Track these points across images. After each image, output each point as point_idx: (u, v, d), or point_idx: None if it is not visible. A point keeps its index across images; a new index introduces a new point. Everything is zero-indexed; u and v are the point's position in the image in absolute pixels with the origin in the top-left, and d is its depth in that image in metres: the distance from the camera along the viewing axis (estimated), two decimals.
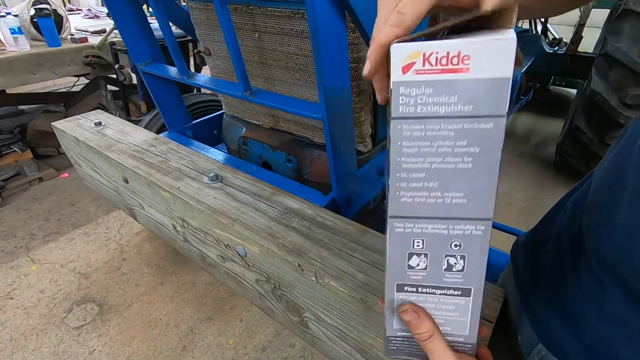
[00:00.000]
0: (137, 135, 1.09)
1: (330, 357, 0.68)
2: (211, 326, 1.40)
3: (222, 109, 1.32)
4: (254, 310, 1.46)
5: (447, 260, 0.31)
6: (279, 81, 0.98)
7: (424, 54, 0.26)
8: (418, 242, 0.32)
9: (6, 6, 3.50)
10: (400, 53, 0.26)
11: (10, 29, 1.91)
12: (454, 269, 0.31)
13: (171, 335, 1.36)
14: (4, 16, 1.97)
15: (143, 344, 1.33)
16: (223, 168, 0.91)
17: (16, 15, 2.03)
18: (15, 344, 1.33)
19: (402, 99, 0.27)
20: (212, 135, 1.44)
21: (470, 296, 0.31)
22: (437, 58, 0.26)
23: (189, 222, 0.83)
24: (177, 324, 1.41)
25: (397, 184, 0.31)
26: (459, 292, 0.31)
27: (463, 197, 0.29)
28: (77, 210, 2.06)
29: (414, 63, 0.26)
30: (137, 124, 1.28)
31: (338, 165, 0.82)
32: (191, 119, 1.40)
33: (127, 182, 0.98)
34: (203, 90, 2.17)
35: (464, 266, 0.30)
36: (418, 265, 0.32)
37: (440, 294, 0.32)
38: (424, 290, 0.32)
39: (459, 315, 0.32)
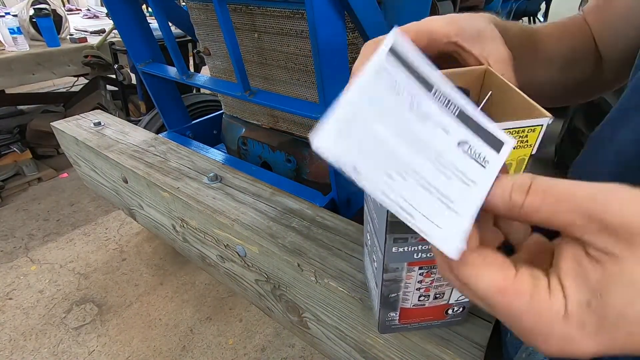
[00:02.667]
0: (136, 135, 1.09)
1: (330, 357, 0.68)
2: (211, 326, 1.40)
3: (221, 109, 1.32)
4: (253, 310, 1.46)
5: None
6: (279, 81, 0.98)
7: None
8: (370, 268, 0.46)
9: (5, 6, 3.49)
10: None
11: (9, 29, 1.91)
12: None
13: (170, 336, 1.36)
14: (3, 16, 1.97)
15: (142, 344, 1.33)
16: (222, 168, 0.91)
17: (15, 15, 2.03)
18: (14, 344, 1.33)
19: None
20: (211, 135, 1.44)
21: None
22: None
23: (189, 222, 0.83)
24: (177, 324, 1.41)
25: None
26: None
27: (377, 241, 0.38)
28: (76, 210, 2.05)
29: None
30: (136, 124, 1.28)
31: None
32: (190, 119, 1.40)
33: (126, 182, 0.98)
34: (202, 91, 2.16)
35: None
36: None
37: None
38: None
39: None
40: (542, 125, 0.26)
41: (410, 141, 0.19)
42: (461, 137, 0.21)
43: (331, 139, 0.18)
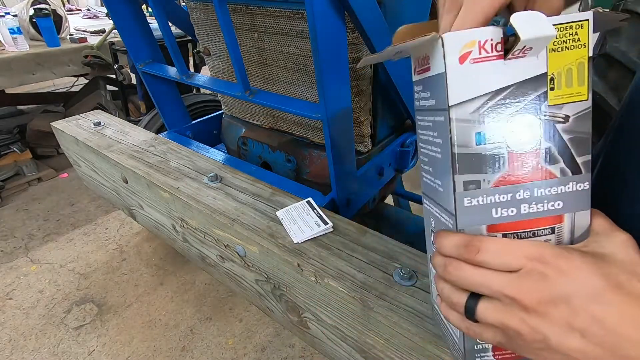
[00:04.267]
0: (136, 135, 1.09)
1: (330, 357, 0.68)
2: (211, 326, 1.40)
3: (221, 109, 1.32)
4: (253, 310, 1.46)
5: None
6: (279, 81, 0.98)
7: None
8: (432, 219, 0.35)
9: (5, 6, 3.49)
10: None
11: (9, 29, 1.91)
12: None
13: (170, 336, 1.36)
14: (3, 16, 1.97)
15: (142, 344, 1.33)
16: (222, 168, 0.91)
17: (15, 15, 2.03)
18: (14, 344, 1.33)
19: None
20: (211, 135, 1.43)
21: None
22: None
23: (189, 222, 0.83)
24: (177, 324, 1.41)
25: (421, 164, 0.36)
26: None
27: (441, 185, 0.31)
28: (76, 210, 2.05)
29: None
30: (136, 124, 1.28)
31: (337, 166, 0.82)
32: (190, 119, 1.40)
33: (126, 182, 0.98)
34: (202, 91, 2.16)
35: None
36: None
37: None
38: None
39: None
40: (587, 20, 0.26)
41: None
42: None
43: None
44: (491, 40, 0.26)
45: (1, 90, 2.47)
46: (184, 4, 1.14)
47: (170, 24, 1.10)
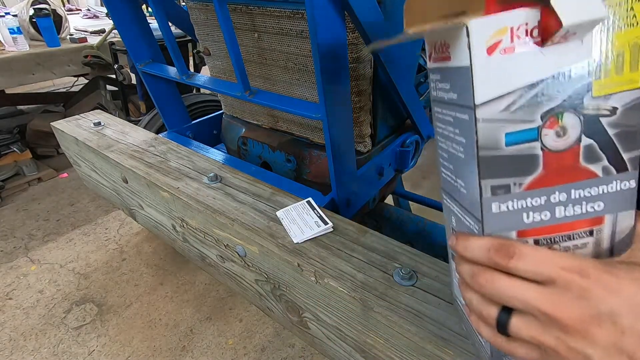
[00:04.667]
0: (136, 135, 1.09)
1: (330, 357, 0.68)
2: (210, 326, 1.40)
3: (221, 109, 1.32)
4: (253, 310, 1.46)
5: None
6: (279, 81, 0.98)
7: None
8: (453, 218, 0.32)
9: (5, 6, 3.49)
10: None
11: (9, 29, 1.91)
12: None
13: (170, 336, 1.36)
14: (3, 16, 1.97)
15: (142, 344, 1.33)
16: (222, 168, 0.91)
17: (15, 15, 2.03)
18: (14, 344, 1.32)
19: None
20: (211, 135, 1.44)
21: None
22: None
23: (189, 222, 0.83)
24: (177, 324, 1.41)
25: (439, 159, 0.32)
26: None
27: (464, 187, 0.28)
28: (76, 210, 2.05)
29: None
30: (136, 124, 1.28)
31: (337, 166, 0.82)
32: (190, 119, 1.40)
33: (126, 182, 0.98)
34: (202, 91, 2.16)
35: None
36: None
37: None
38: None
39: None
40: None
41: None
42: None
43: None
44: (526, 25, 0.22)
45: (1, 90, 2.47)
46: (184, 4, 1.14)
47: (170, 24, 1.10)
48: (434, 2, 0.26)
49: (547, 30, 0.22)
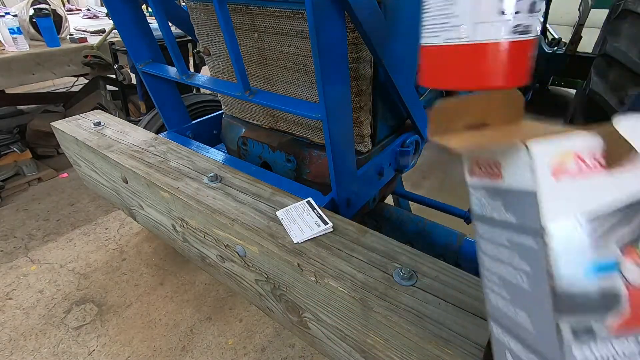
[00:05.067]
0: (136, 135, 1.09)
1: (330, 357, 0.68)
2: (211, 326, 1.40)
3: (221, 109, 1.32)
4: (253, 310, 1.46)
5: None
6: (279, 81, 0.98)
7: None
8: (508, 354, 0.28)
9: (5, 6, 3.49)
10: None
11: (9, 29, 1.91)
12: None
13: (170, 336, 1.36)
14: (3, 16, 1.97)
15: (142, 344, 1.33)
16: (222, 168, 0.91)
17: (15, 15, 2.03)
18: (14, 344, 1.32)
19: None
20: (211, 135, 1.44)
21: None
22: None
23: (189, 222, 0.83)
24: (177, 324, 1.41)
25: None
26: None
27: (531, 323, 0.24)
28: (76, 210, 2.05)
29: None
30: (136, 124, 1.28)
31: (337, 166, 0.82)
32: (190, 119, 1.40)
33: (126, 182, 0.98)
34: (202, 91, 2.16)
35: None
36: None
37: None
38: None
39: None
40: None
41: None
42: None
43: None
44: (590, 149, 0.21)
45: (1, 91, 2.47)
46: (184, 4, 1.14)
47: (170, 24, 1.10)
48: (461, 108, 0.25)
49: (615, 155, 0.21)
